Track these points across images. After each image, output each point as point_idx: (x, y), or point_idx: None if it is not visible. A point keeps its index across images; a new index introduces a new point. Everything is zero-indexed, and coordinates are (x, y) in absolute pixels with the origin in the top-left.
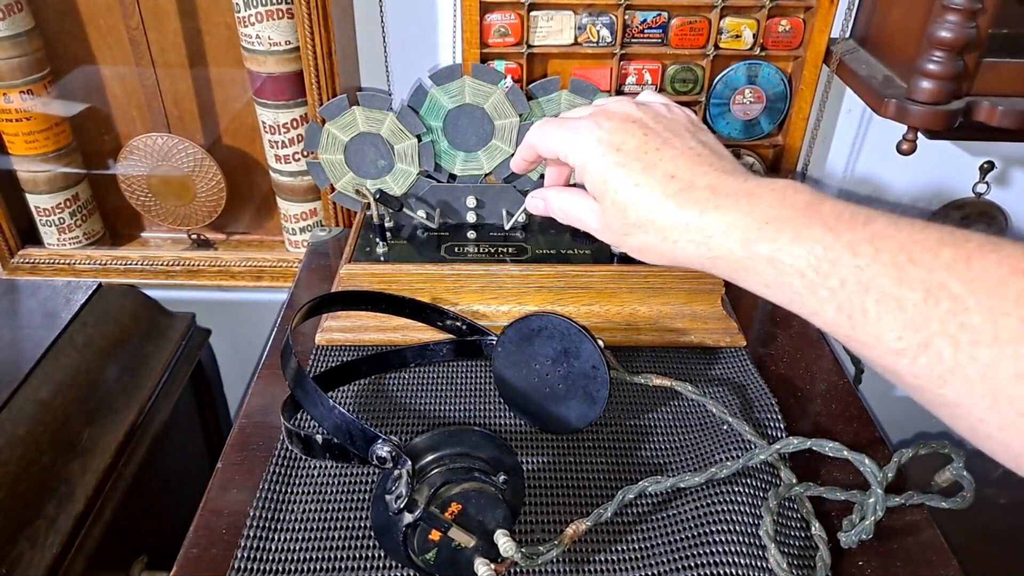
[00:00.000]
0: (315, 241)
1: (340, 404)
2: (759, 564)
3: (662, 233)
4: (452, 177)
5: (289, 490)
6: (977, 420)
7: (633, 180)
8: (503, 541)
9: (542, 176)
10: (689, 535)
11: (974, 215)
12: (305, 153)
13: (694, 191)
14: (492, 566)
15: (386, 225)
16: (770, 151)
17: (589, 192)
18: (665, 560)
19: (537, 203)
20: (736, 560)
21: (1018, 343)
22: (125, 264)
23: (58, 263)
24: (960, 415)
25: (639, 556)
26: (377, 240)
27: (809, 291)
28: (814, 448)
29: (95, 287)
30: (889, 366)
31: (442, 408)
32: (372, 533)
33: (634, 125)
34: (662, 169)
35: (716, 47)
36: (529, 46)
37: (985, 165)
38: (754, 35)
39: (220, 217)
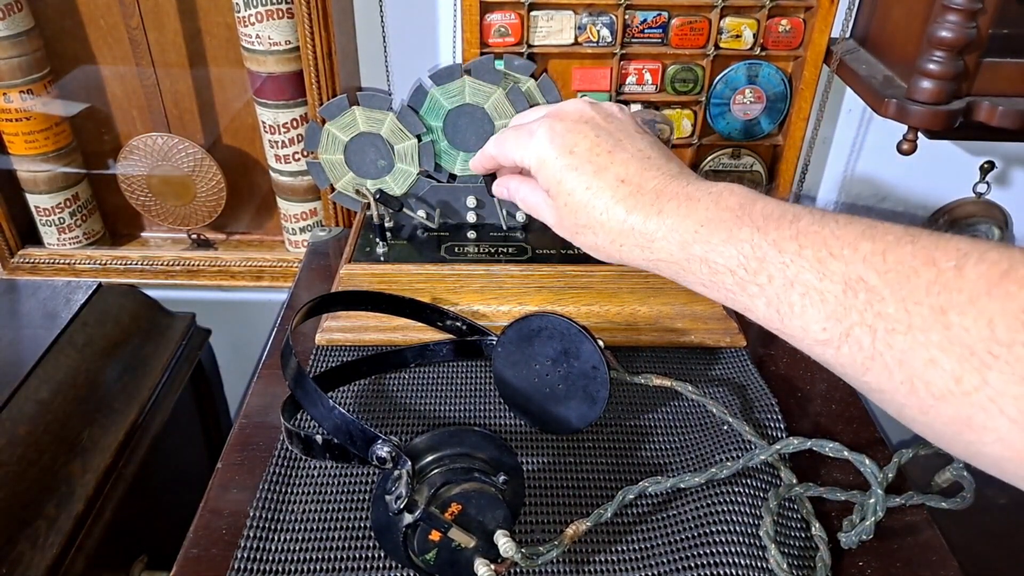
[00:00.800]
0: (315, 241)
1: (340, 404)
2: (759, 564)
3: (610, 236)
4: (452, 177)
5: (289, 490)
6: (900, 405)
7: (585, 183)
8: (503, 541)
9: None
10: (689, 535)
11: (974, 215)
12: (305, 153)
13: (642, 195)
14: (492, 566)
15: (386, 225)
16: (770, 151)
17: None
18: (665, 561)
19: (501, 190)
20: (736, 560)
21: (929, 330)
22: (125, 264)
23: (58, 263)
24: (886, 400)
25: (639, 556)
26: (377, 240)
27: (741, 288)
28: (814, 448)
29: (95, 287)
30: (818, 355)
31: (442, 408)
32: (372, 533)
33: (586, 126)
34: (613, 173)
35: (716, 47)
36: (529, 46)
37: (985, 165)
38: (754, 35)
39: (220, 217)
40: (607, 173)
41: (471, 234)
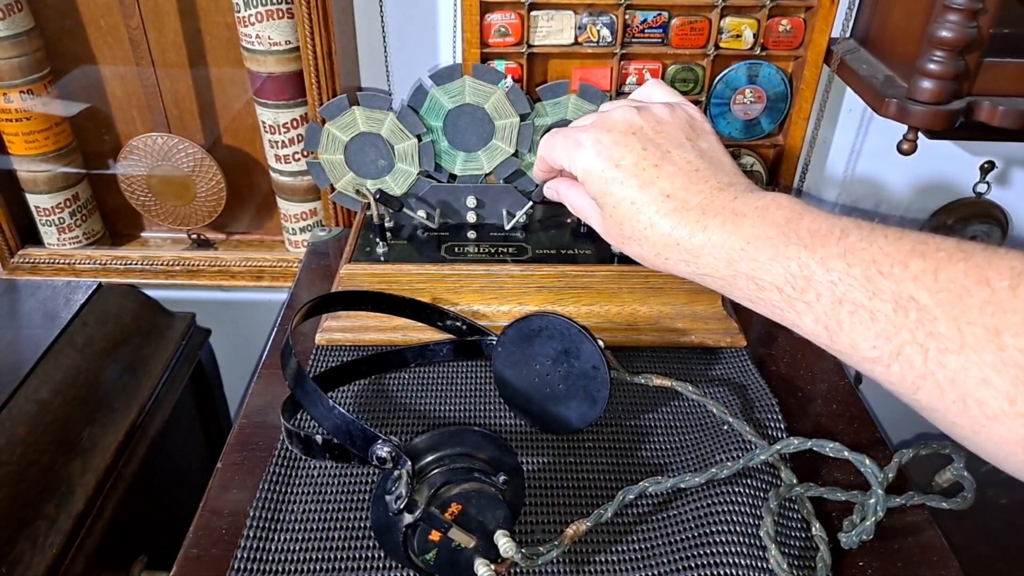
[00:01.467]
0: (315, 241)
1: (340, 404)
2: (760, 565)
3: (655, 249)
4: (452, 177)
5: (289, 490)
6: (952, 424)
7: (630, 197)
8: (503, 541)
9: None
10: (689, 536)
11: (974, 215)
12: (305, 153)
13: (687, 211)
14: (492, 566)
15: (386, 225)
16: (771, 151)
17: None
18: (665, 561)
19: (551, 192)
20: (737, 561)
21: (983, 350)
22: (125, 264)
23: (58, 263)
24: (937, 419)
25: (639, 556)
26: (377, 240)
27: (788, 305)
28: (815, 448)
29: (95, 287)
30: (868, 372)
31: (442, 408)
32: (372, 533)
33: (634, 138)
34: (658, 188)
35: (716, 47)
36: (529, 46)
37: (985, 165)
38: (755, 35)
39: (220, 217)
40: (652, 187)
41: (471, 234)
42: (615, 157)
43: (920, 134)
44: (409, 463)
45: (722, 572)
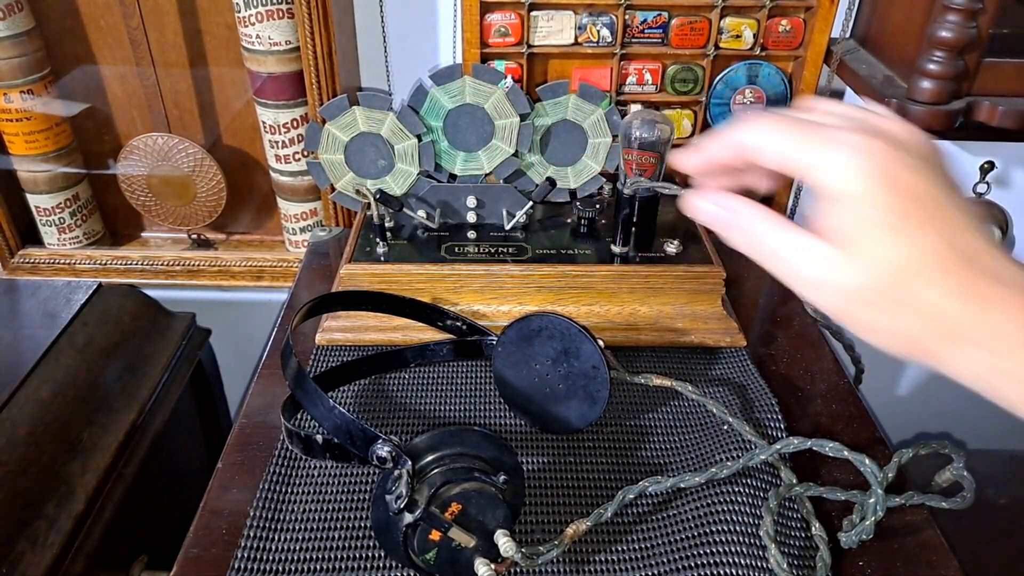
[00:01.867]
0: (315, 241)
1: (340, 404)
2: (759, 564)
3: (933, 323)
4: (452, 177)
5: (289, 490)
6: None
7: (916, 241)
8: (503, 541)
9: (549, 179)
10: (689, 535)
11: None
12: (305, 153)
13: (974, 271)
14: (492, 566)
15: (386, 225)
16: None
17: (824, 232)
18: (665, 560)
19: (714, 211)
20: (736, 560)
21: None
22: (125, 264)
23: (58, 263)
24: None
25: (639, 556)
26: (377, 240)
27: None
28: (814, 448)
29: (95, 287)
30: None
31: (442, 408)
32: (372, 533)
33: (924, 164)
34: (948, 239)
35: (716, 47)
36: (529, 46)
37: (985, 165)
38: (754, 35)
39: (220, 217)
40: (941, 237)
41: (471, 234)
42: (903, 179)
43: None
44: (409, 463)
45: (722, 572)
